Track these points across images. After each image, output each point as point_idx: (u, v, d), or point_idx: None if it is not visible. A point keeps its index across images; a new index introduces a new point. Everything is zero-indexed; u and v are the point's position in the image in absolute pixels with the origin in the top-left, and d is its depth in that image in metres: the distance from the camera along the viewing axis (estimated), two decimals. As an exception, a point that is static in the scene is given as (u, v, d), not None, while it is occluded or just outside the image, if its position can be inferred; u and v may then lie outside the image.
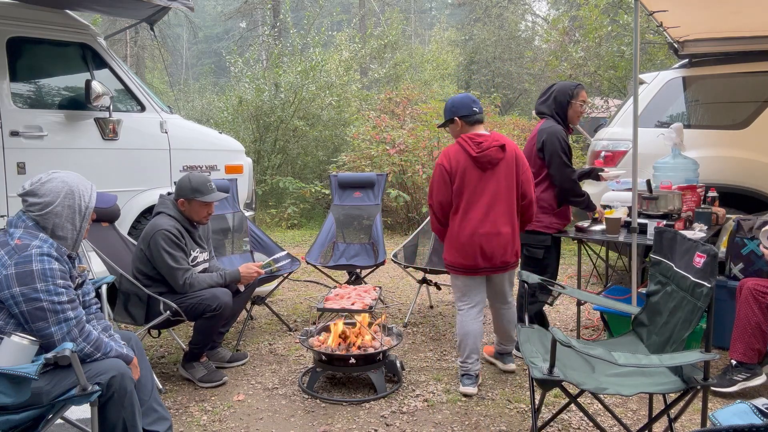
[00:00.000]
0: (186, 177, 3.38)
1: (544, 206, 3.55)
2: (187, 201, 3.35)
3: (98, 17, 10.26)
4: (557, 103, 3.58)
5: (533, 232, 3.54)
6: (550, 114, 3.61)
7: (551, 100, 3.61)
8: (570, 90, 3.58)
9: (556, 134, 3.49)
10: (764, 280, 3.24)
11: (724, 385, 3.19)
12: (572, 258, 6.57)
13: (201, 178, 3.38)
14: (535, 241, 3.56)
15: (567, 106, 3.58)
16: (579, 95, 3.59)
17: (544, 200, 3.55)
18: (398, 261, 4.46)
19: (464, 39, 21.62)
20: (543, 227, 3.55)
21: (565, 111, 3.59)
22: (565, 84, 3.65)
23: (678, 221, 3.77)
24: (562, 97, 3.58)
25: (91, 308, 2.44)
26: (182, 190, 3.34)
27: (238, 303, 3.54)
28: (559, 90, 3.60)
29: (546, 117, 3.63)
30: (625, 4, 9.89)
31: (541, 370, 2.13)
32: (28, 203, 2.20)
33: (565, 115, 3.60)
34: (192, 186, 3.33)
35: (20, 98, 4.19)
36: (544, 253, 3.56)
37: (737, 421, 1.55)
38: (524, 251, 3.61)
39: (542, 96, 3.70)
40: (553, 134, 3.50)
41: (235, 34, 24.25)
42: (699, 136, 4.82)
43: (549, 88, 3.69)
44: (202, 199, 3.35)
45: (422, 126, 8.93)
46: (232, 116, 11.29)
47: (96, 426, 2.13)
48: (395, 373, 3.39)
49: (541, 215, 3.54)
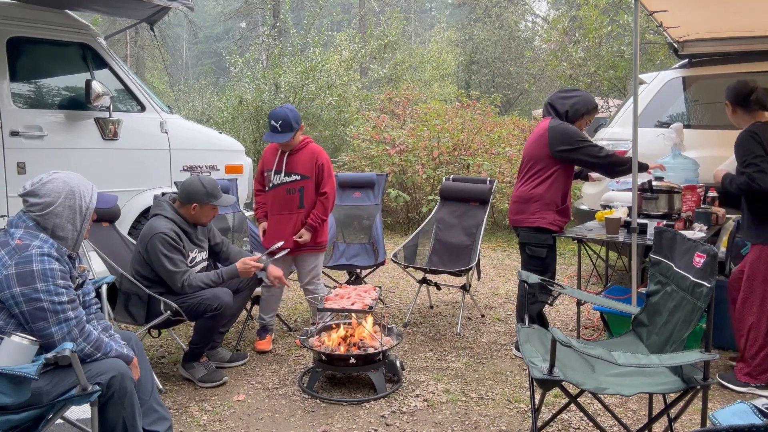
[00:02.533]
0: (197, 180, 3.35)
1: (548, 203, 3.54)
2: (200, 205, 3.34)
3: (98, 17, 10.27)
4: (574, 109, 3.57)
5: (536, 229, 3.55)
6: (560, 113, 3.59)
7: (570, 102, 3.59)
8: (590, 106, 3.60)
9: (571, 128, 3.51)
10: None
11: (736, 383, 3.21)
12: (572, 258, 6.57)
13: (212, 181, 3.39)
14: (537, 240, 3.56)
15: (579, 117, 3.59)
16: (591, 115, 3.63)
17: (548, 198, 3.54)
18: (398, 261, 4.47)
19: (464, 39, 21.62)
20: (547, 224, 3.54)
21: (575, 120, 3.59)
22: (589, 98, 3.64)
23: (678, 221, 3.77)
24: (582, 107, 3.57)
25: (91, 308, 2.44)
26: (197, 195, 3.32)
27: (238, 303, 3.54)
28: (581, 99, 3.59)
29: (552, 117, 3.61)
30: (625, 4, 9.90)
31: (541, 370, 2.13)
32: (28, 203, 2.20)
33: (570, 123, 3.58)
34: (207, 191, 3.32)
35: (20, 98, 4.19)
36: (547, 251, 3.57)
37: (737, 421, 1.55)
38: (526, 250, 3.62)
39: (564, 92, 3.67)
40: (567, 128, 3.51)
41: (235, 34, 24.26)
42: (699, 136, 4.82)
43: (574, 90, 3.70)
44: (216, 203, 3.36)
45: (422, 126, 8.93)
46: (232, 116, 11.29)
47: (96, 426, 2.13)
48: (395, 373, 3.39)
49: (545, 212, 3.54)
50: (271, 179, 3.83)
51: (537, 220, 3.54)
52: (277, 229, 3.82)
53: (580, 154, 3.48)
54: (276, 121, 3.64)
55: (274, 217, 3.86)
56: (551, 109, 3.65)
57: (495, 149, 8.64)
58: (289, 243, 3.75)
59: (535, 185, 3.58)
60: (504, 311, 4.78)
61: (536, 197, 3.55)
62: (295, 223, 3.81)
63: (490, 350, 3.92)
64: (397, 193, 8.11)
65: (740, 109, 3.27)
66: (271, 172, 3.82)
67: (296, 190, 3.79)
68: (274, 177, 3.81)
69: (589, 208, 5.20)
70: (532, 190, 3.57)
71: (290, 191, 3.80)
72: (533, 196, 3.57)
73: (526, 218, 3.59)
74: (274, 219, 3.86)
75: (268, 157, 3.88)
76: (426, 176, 8.16)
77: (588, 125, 3.68)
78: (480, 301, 5.03)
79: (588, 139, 3.51)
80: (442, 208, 4.91)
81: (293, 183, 3.79)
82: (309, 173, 3.80)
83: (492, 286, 5.57)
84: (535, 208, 3.56)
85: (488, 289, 5.46)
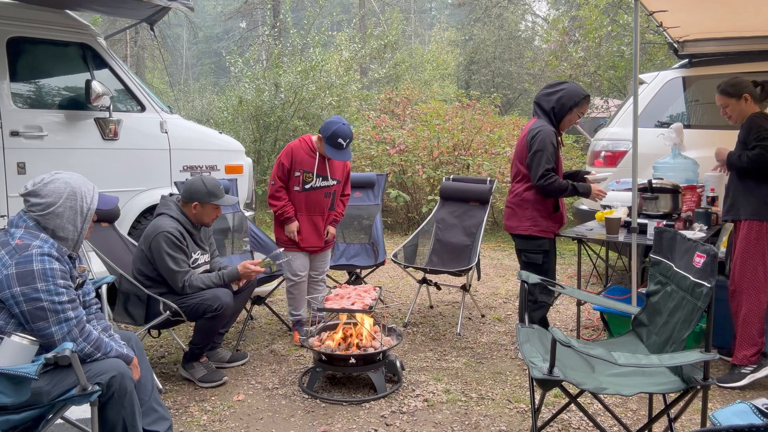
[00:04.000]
0: (199, 180, 3.36)
1: (540, 209, 3.50)
2: (200, 204, 3.35)
3: (98, 17, 10.27)
4: (560, 104, 3.47)
5: (531, 237, 3.51)
6: (546, 111, 3.52)
7: (555, 97, 3.50)
8: (577, 98, 3.47)
9: (549, 136, 3.42)
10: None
11: (735, 380, 3.23)
12: (572, 258, 6.57)
13: (214, 181, 3.40)
14: (533, 247, 3.52)
15: (567, 111, 3.49)
16: (582, 106, 3.52)
17: (541, 203, 3.50)
18: (398, 261, 4.47)
19: (464, 39, 21.65)
20: (540, 231, 3.50)
21: (563, 115, 3.50)
22: (575, 89, 3.50)
23: (678, 221, 3.77)
24: (568, 101, 3.46)
25: (91, 308, 2.44)
26: (197, 194, 3.33)
27: (237, 303, 3.54)
28: (567, 93, 3.48)
29: (539, 116, 3.55)
30: (625, 4, 9.91)
31: (541, 370, 2.13)
32: (30, 203, 2.20)
33: (560, 119, 3.52)
34: (208, 189, 3.33)
35: (20, 98, 4.19)
36: (543, 257, 3.53)
37: (737, 421, 1.55)
38: (522, 257, 3.59)
39: (549, 88, 3.56)
40: (546, 135, 3.42)
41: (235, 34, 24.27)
42: (699, 136, 4.82)
43: (559, 83, 3.57)
44: (218, 203, 3.37)
45: (422, 126, 8.93)
46: (232, 116, 11.29)
47: (96, 426, 2.13)
48: (395, 373, 3.39)
49: (538, 219, 3.50)
50: (308, 181, 3.92)
51: (530, 227, 3.49)
52: (313, 230, 4.00)
53: (531, 161, 3.43)
54: (344, 139, 3.78)
55: (305, 217, 3.97)
56: (537, 108, 3.58)
57: (495, 149, 8.64)
58: (321, 242, 4.05)
59: (524, 189, 3.53)
60: (504, 311, 4.78)
61: (527, 203, 3.51)
62: (326, 223, 4.07)
63: (490, 350, 3.92)
64: (397, 193, 8.11)
65: (753, 101, 3.30)
66: (310, 174, 3.91)
67: (331, 194, 4.03)
68: (315, 180, 3.92)
69: (589, 208, 5.20)
70: (523, 194, 3.53)
71: (327, 195, 4.01)
72: (525, 200, 3.52)
73: (518, 225, 3.54)
74: (306, 219, 3.98)
75: (302, 158, 3.91)
76: (426, 176, 8.16)
77: (582, 117, 3.59)
78: (480, 301, 5.03)
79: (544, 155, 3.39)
80: (442, 208, 4.91)
81: (331, 187, 4.01)
82: (342, 178, 4.07)
83: (492, 286, 5.57)
84: (527, 215, 3.51)
85: (488, 289, 5.47)
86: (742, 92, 3.28)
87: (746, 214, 3.25)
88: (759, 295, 3.23)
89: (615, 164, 5.26)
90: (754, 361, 3.26)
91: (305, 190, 3.92)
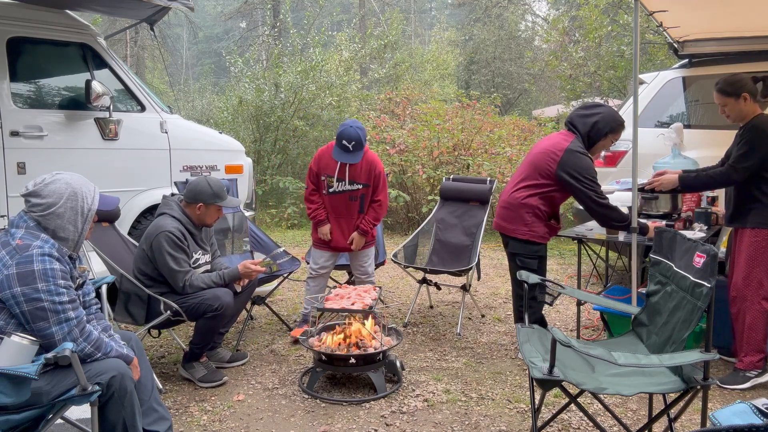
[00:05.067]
0: (204, 181, 3.36)
1: (539, 215, 3.43)
2: (205, 205, 3.35)
3: (98, 17, 10.27)
4: (595, 128, 3.35)
5: (527, 241, 3.44)
6: (581, 132, 3.40)
7: (591, 121, 3.37)
8: (614, 124, 3.37)
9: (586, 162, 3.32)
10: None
11: (738, 383, 3.23)
12: (572, 258, 6.57)
13: (219, 182, 3.42)
14: (528, 252, 3.45)
15: (602, 136, 3.38)
16: (617, 133, 3.42)
17: (539, 209, 3.42)
18: (398, 261, 4.47)
19: (464, 39, 21.66)
20: (538, 237, 3.43)
21: (598, 140, 3.40)
22: (612, 115, 3.39)
23: (678, 221, 3.77)
24: (604, 126, 3.35)
25: (92, 308, 2.44)
26: (202, 195, 3.33)
27: (238, 303, 3.55)
28: (604, 117, 3.36)
29: (575, 133, 3.41)
30: (625, 4, 9.91)
31: (541, 370, 2.13)
32: (30, 204, 2.20)
33: (593, 143, 3.41)
34: (213, 191, 3.35)
35: (20, 98, 4.19)
36: (538, 263, 3.45)
37: (737, 421, 1.55)
38: (516, 261, 3.49)
39: (585, 110, 3.45)
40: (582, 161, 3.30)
41: (235, 34, 24.28)
42: (699, 136, 4.82)
43: (596, 106, 3.47)
44: (222, 204, 3.38)
45: (422, 126, 8.93)
46: (232, 116, 11.30)
47: (96, 426, 2.13)
48: (395, 373, 3.39)
49: (537, 225, 3.42)
50: (331, 185, 3.96)
51: (527, 233, 3.41)
52: (340, 232, 4.05)
53: (580, 192, 3.32)
54: (348, 141, 3.75)
55: (334, 220, 4.07)
56: (572, 127, 3.44)
57: (495, 149, 8.64)
58: (347, 244, 4.08)
59: (529, 195, 3.42)
60: (504, 311, 4.78)
61: (528, 207, 3.42)
62: (356, 226, 4.07)
63: (490, 350, 3.92)
64: (397, 193, 8.11)
65: (752, 100, 3.26)
66: (331, 178, 3.94)
67: (357, 197, 4.01)
68: (336, 184, 3.95)
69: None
70: (526, 199, 3.42)
71: (352, 198, 4.01)
72: (525, 205, 3.42)
73: (516, 228, 3.45)
74: (334, 221, 4.07)
75: (326, 163, 3.95)
76: (426, 176, 8.16)
77: (614, 144, 3.50)
78: (480, 301, 5.03)
79: (595, 181, 3.31)
80: (442, 208, 4.91)
81: (356, 191, 3.99)
82: (369, 181, 4.01)
83: (492, 286, 5.57)
84: (526, 219, 3.41)
85: (488, 289, 5.47)
86: (741, 91, 3.22)
87: (753, 222, 3.21)
88: (763, 302, 3.22)
89: (615, 164, 5.26)
90: (759, 366, 3.26)
91: (330, 194, 3.99)
